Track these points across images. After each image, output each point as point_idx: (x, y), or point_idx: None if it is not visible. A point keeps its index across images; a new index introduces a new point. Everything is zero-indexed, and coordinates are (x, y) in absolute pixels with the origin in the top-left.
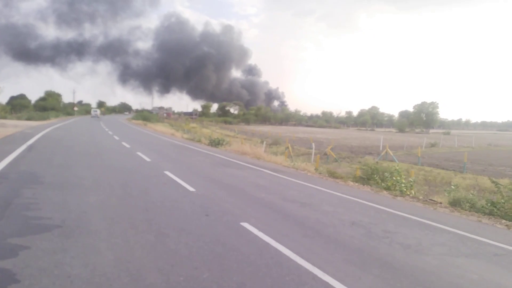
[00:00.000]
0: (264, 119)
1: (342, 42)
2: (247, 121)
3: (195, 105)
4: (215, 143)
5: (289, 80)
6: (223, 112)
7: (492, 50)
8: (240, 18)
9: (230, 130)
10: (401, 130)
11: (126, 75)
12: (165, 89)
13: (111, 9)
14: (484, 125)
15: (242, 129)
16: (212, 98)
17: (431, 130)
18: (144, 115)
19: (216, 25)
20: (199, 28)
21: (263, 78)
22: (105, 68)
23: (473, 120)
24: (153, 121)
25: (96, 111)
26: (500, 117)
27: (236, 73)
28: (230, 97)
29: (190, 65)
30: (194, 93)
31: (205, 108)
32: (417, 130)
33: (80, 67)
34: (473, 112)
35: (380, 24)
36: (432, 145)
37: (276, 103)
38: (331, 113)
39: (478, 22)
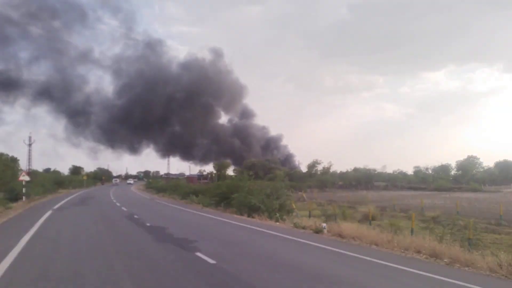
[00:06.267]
0: (322, 182)
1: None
2: (321, 186)
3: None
4: None
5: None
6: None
7: None
8: None
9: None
10: None
11: (80, 128)
12: (137, 145)
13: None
14: None
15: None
16: (192, 152)
17: None
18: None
19: (202, 51)
20: (178, 56)
21: (258, 121)
22: (46, 118)
23: None
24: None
25: (116, 180)
26: None
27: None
28: (213, 150)
29: (167, 108)
30: (170, 147)
31: (222, 168)
32: None
33: (12, 114)
34: None
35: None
36: None
37: (277, 155)
38: (372, 170)
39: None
